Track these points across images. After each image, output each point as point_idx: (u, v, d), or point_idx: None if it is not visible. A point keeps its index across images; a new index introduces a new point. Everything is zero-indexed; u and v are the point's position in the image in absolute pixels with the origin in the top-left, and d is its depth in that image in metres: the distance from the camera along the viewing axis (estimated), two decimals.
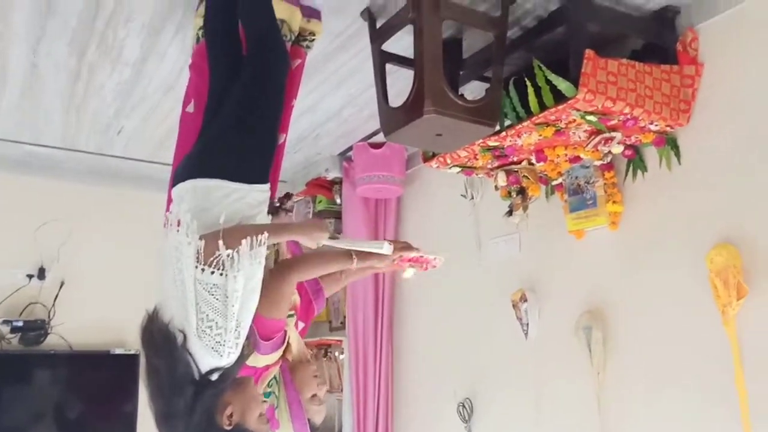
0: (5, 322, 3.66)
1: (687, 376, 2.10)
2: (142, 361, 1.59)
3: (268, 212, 1.97)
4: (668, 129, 2.16)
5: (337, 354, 4.08)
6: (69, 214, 3.91)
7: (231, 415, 1.60)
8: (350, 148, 3.58)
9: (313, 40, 2.21)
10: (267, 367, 1.90)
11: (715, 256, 1.97)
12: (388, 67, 2.27)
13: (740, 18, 2.08)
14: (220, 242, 1.46)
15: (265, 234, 1.53)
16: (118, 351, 3.85)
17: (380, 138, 3.34)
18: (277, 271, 1.88)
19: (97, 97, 2.96)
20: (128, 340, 3.83)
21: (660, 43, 2.23)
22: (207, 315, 1.47)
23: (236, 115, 1.77)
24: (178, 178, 1.73)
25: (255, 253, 1.50)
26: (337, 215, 3.94)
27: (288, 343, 1.94)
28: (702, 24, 2.18)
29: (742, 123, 2.04)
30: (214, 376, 1.53)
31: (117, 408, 3.84)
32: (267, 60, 1.86)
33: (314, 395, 1.96)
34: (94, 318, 3.88)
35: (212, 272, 1.46)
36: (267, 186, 1.79)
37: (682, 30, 2.21)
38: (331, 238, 1.80)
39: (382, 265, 2.02)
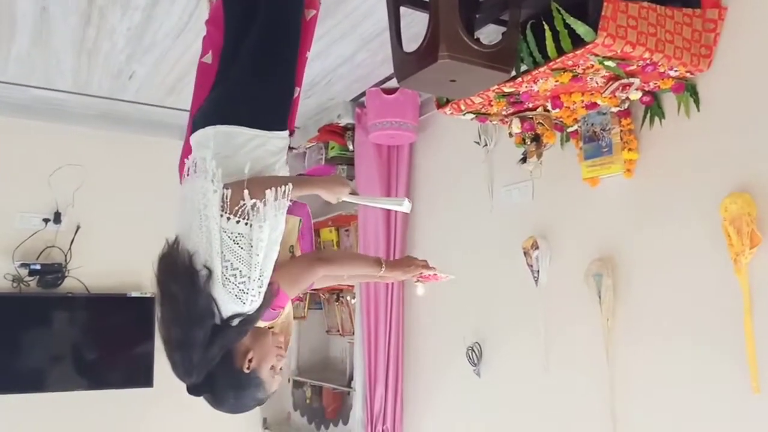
0: (23, 265, 3.74)
1: (696, 325, 2.12)
2: (157, 289, 1.57)
3: None
4: (688, 75, 2.12)
5: (348, 298, 4.14)
6: (82, 159, 3.94)
7: (251, 360, 1.63)
8: (363, 94, 3.55)
9: None
10: None
11: (730, 204, 1.96)
12: (403, 10, 2.22)
13: None
14: (246, 192, 1.49)
15: (290, 185, 1.56)
16: (135, 294, 3.93)
17: (394, 83, 3.30)
18: (310, 258, 1.89)
19: (109, 41, 2.94)
20: (144, 283, 3.91)
21: None
22: (231, 263, 1.50)
23: (253, 61, 1.77)
24: (197, 125, 1.73)
25: (279, 204, 1.53)
26: (350, 161, 3.94)
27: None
28: None
29: (763, 70, 1.99)
30: (235, 322, 1.55)
31: (134, 350, 3.94)
32: (281, 4, 1.85)
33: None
34: (110, 261, 3.95)
35: (237, 221, 1.50)
36: (287, 133, 1.80)
37: None
38: (352, 194, 1.82)
39: (401, 278, 2.05)
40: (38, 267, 3.75)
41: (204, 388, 1.59)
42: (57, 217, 3.86)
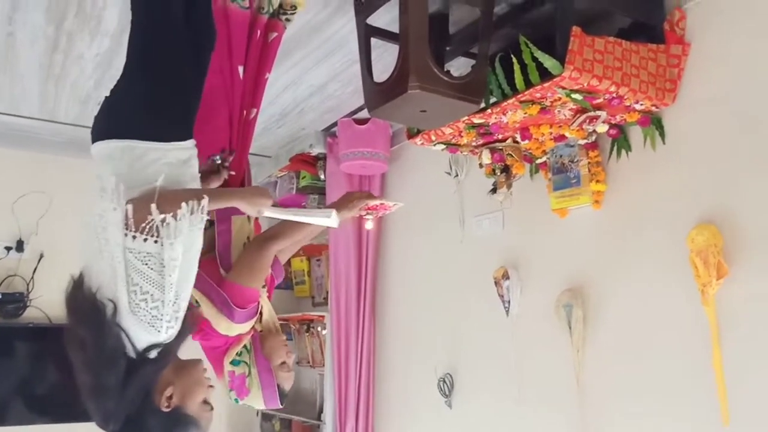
0: None
1: (666, 356, 2.12)
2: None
3: (208, 171, 1.91)
4: (654, 108, 2.16)
5: (319, 329, 4.09)
6: (48, 187, 3.87)
7: (171, 397, 1.49)
8: (335, 124, 3.55)
9: (294, 13, 2.17)
10: (239, 337, 1.92)
11: (696, 235, 1.98)
12: (374, 41, 2.23)
13: None
14: (153, 206, 1.33)
15: (206, 199, 1.40)
16: None
17: (365, 114, 3.30)
18: (256, 241, 1.87)
19: (77, 66, 2.90)
20: None
21: (647, 21, 2.21)
22: (140, 287, 1.34)
23: (130, 67, 1.61)
24: (92, 137, 1.56)
25: (195, 218, 1.37)
26: (321, 191, 3.92)
27: (260, 313, 1.96)
28: (689, 3, 2.16)
29: (727, 104, 2.04)
30: (153, 354, 1.42)
31: None
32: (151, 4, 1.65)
33: (283, 362, 1.97)
34: None
35: (145, 239, 1.32)
36: (190, 143, 1.62)
37: (669, 9, 2.19)
38: (275, 206, 1.68)
39: (347, 216, 1.91)
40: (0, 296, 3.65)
41: None
42: (20, 245, 3.77)
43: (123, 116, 1.52)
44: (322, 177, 3.83)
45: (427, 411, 3.19)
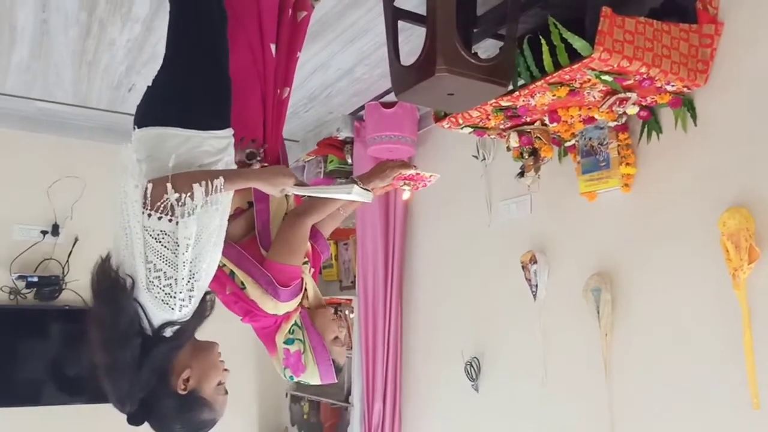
0: (20, 277, 3.72)
1: (695, 340, 2.10)
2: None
3: (241, 163, 1.89)
4: (685, 90, 2.12)
5: (347, 313, 4.12)
6: (81, 171, 3.94)
7: (188, 380, 1.50)
8: (362, 108, 3.55)
9: None
10: (288, 315, 1.93)
11: (728, 219, 1.95)
12: (401, 24, 2.23)
13: None
14: (169, 185, 1.35)
15: (221, 179, 1.42)
16: None
17: (392, 98, 3.31)
18: (290, 217, 1.89)
19: (108, 53, 2.95)
20: None
21: (679, 1, 2.16)
22: (155, 264, 1.36)
23: (171, 57, 1.63)
24: (135, 124, 1.58)
25: (211, 199, 1.39)
26: (349, 175, 3.93)
27: (305, 289, 1.97)
28: None
29: (760, 85, 1.99)
30: (168, 332, 1.44)
31: None
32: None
33: (336, 337, 1.99)
34: None
35: (160, 218, 1.35)
36: (227, 132, 1.64)
37: None
38: (298, 185, 1.64)
39: (381, 186, 1.91)
40: (35, 279, 3.74)
41: (142, 416, 1.47)
42: (55, 230, 3.85)
43: (165, 105, 1.55)
44: (350, 161, 3.85)
45: (454, 394, 3.20)
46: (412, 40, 2.52)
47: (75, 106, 3.62)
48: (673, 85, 2.08)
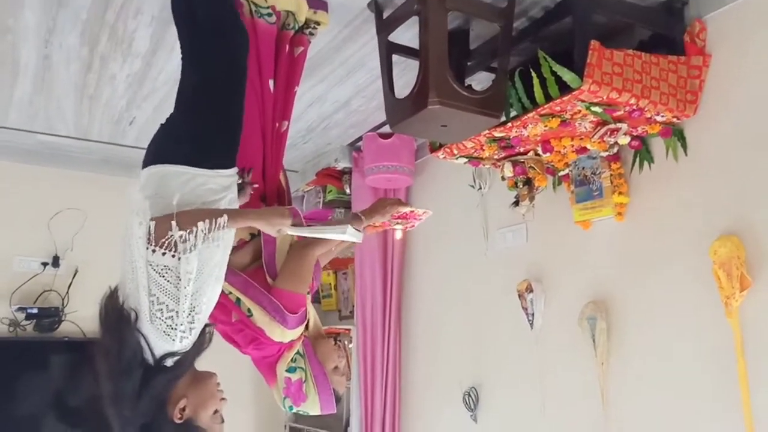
0: (20, 309, 3.74)
1: (690, 368, 2.11)
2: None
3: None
4: (675, 120, 2.16)
5: (345, 342, 4.11)
6: (82, 203, 3.98)
7: (183, 409, 1.56)
8: (360, 138, 3.60)
9: (317, 28, 2.23)
10: (291, 343, 1.95)
11: (719, 247, 1.97)
12: (395, 58, 2.28)
13: (747, 9, 2.07)
14: (173, 222, 1.42)
15: (225, 217, 1.49)
16: None
17: (389, 128, 3.35)
18: (297, 249, 1.93)
19: (109, 87, 3.00)
20: None
21: (667, 33, 2.21)
22: (158, 297, 1.43)
23: (186, 99, 1.71)
24: (144, 162, 1.65)
25: (213, 235, 1.46)
26: (347, 205, 3.97)
27: (307, 318, 2.00)
28: (710, 15, 2.16)
29: (749, 114, 2.03)
30: (169, 362, 1.50)
31: None
32: (213, 41, 1.74)
33: (336, 366, 2.02)
34: None
35: (164, 253, 1.42)
36: (232, 171, 1.71)
37: (690, 20, 2.20)
38: (294, 225, 1.72)
39: (378, 223, 1.97)
40: (35, 311, 3.75)
41: None
42: (55, 261, 3.88)
43: (175, 145, 1.62)
44: (348, 191, 3.88)
45: (452, 425, 3.19)
46: (407, 73, 2.57)
47: (76, 139, 3.66)
48: (662, 116, 2.12)
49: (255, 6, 2.00)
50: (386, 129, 3.43)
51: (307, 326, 2.02)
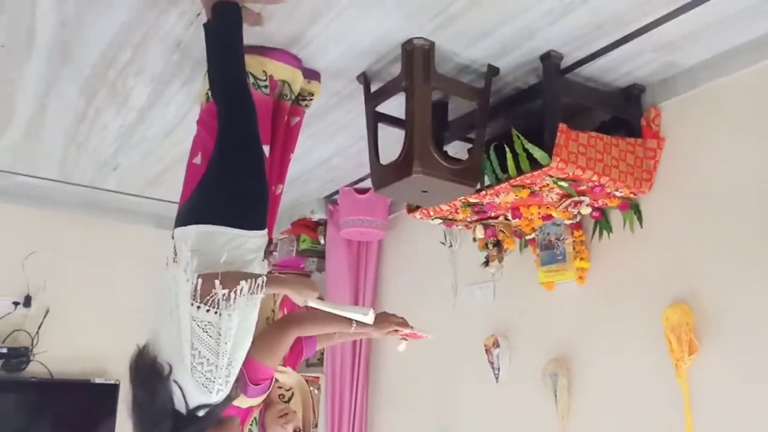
0: None
1: (644, 424, 2.28)
2: (125, 392, 1.63)
3: None
4: (632, 195, 2.38)
5: (313, 390, 4.18)
6: (58, 244, 4.01)
7: None
8: (336, 192, 3.75)
9: (311, 99, 2.40)
10: (250, 409, 2.03)
11: (671, 314, 2.17)
12: (380, 125, 2.46)
13: (698, 99, 2.32)
14: (217, 281, 1.53)
15: (264, 279, 1.61)
16: (99, 380, 3.90)
17: (366, 184, 3.52)
18: (281, 323, 2.02)
19: (99, 136, 3.09)
20: (109, 369, 3.90)
21: (626, 117, 2.46)
22: (199, 351, 1.52)
23: (225, 160, 1.84)
24: (179, 221, 1.80)
25: (252, 296, 1.57)
26: (320, 254, 4.09)
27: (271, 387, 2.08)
28: (664, 102, 2.42)
29: (698, 193, 2.27)
30: (201, 413, 1.58)
31: None
32: (234, 112, 1.92)
33: None
34: (77, 347, 3.94)
35: (208, 310, 1.52)
36: (265, 231, 1.86)
37: (646, 106, 2.45)
38: (319, 298, 1.85)
39: (376, 335, 2.14)
40: (5, 350, 3.74)
41: None
42: (27, 301, 3.88)
43: (218, 205, 1.76)
44: (322, 241, 4.01)
45: None
46: (387, 137, 2.75)
47: (58, 182, 3.73)
48: (621, 191, 2.34)
49: (254, 78, 2.15)
50: (362, 184, 3.60)
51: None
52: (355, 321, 1.98)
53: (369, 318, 1.90)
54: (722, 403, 2.07)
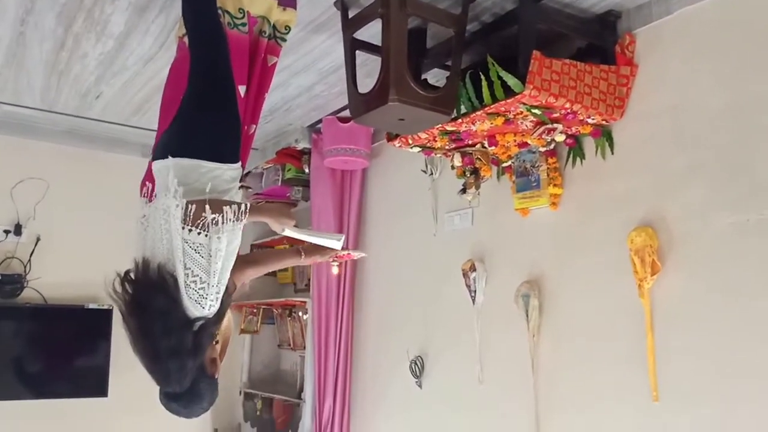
0: None
1: (608, 341, 2.41)
2: (118, 314, 1.67)
3: None
4: (604, 122, 2.43)
5: (301, 314, 4.34)
6: (45, 173, 4.06)
7: (216, 366, 1.79)
8: (320, 121, 3.78)
9: (287, 32, 2.39)
10: None
11: (635, 236, 2.26)
12: (357, 52, 2.47)
13: (671, 26, 2.34)
14: (207, 207, 1.64)
15: (246, 205, 1.73)
16: (92, 306, 4.04)
17: (348, 113, 3.54)
18: (239, 262, 2.10)
19: (80, 64, 3.09)
20: (101, 295, 3.91)
21: (602, 44, 2.48)
22: (192, 270, 1.63)
23: (201, 95, 1.88)
24: (158, 153, 1.85)
25: (237, 221, 1.68)
26: (305, 183, 4.17)
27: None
28: (639, 29, 2.43)
29: (668, 120, 2.32)
30: (196, 327, 1.67)
31: (90, 361, 4.08)
32: (206, 49, 1.94)
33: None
34: (69, 274, 4.06)
35: (199, 233, 1.64)
36: (239, 164, 1.93)
37: (621, 33, 2.47)
38: (295, 227, 1.98)
39: (320, 260, 2.23)
40: None
41: (187, 394, 1.70)
42: (18, 229, 3.96)
43: (196, 140, 1.83)
44: (307, 170, 4.07)
45: (399, 390, 3.46)
46: (368, 64, 2.76)
47: (42, 111, 3.74)
48: (593, 119, 2.38)
49: (231, 17, 2.14)
50: (346, 113, 3.62)
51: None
52: (303, 252, 2.10)
53: (339, 244, 2.01)
54: (681, 320, 2.19)
